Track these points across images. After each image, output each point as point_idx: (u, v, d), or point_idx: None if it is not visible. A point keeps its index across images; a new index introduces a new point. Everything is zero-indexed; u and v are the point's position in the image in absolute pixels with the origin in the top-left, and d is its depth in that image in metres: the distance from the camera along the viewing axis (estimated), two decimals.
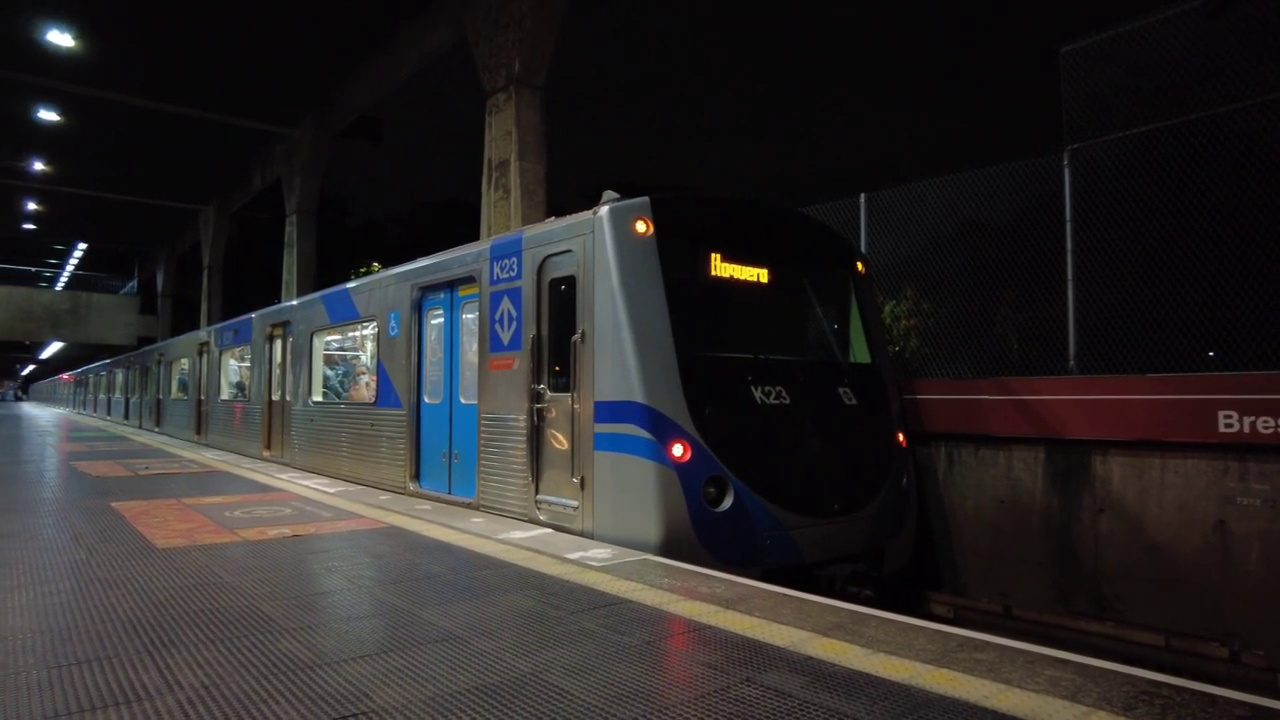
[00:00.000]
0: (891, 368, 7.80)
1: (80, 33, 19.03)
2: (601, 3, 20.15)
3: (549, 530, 6.05)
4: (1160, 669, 3.98)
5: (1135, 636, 6.35)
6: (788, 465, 6.24)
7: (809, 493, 6.20)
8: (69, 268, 52.62)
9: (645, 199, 6.27)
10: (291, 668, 3.04)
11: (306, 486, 8.81)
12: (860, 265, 7.79)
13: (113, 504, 7.35)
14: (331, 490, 8.47)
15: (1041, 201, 7.65)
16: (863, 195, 9.12)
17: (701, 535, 5.63)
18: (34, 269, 51.74)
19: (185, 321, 39.07)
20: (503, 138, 15.52)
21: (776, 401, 6.30)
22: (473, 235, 9.66)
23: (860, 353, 7.52)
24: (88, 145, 27.03)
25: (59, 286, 51.64)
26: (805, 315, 7.60)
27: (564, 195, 16.14)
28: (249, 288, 35.69)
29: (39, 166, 29.07)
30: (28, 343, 52.81)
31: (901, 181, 8.91)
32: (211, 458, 12.52)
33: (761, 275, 6.87)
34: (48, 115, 23.75)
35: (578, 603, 4.02)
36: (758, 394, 6.23)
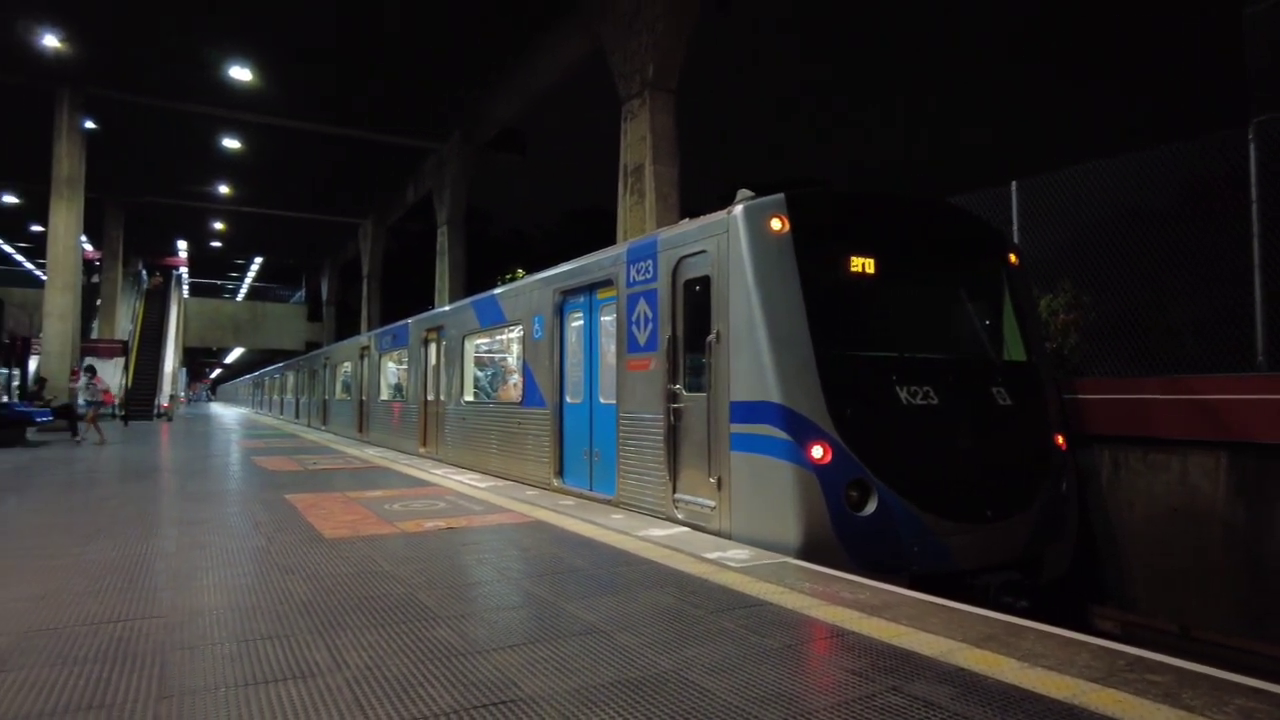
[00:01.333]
0: (1050, 365, 7.34)
1: (257, 67, 20.86)
2: (726, 6, 20.03)
3: (687, 529, 6.07)
4: None
5: None
6: (936, 468, 5.92)
7: (960, 497, 5.87)
8: (247, 280, 57.75)
9: (781, 196, 6.16)
10: (446, 654, 3.21)
11: (459, 482, 9.27)
12: (1013, 257, 7.34)
13: (286, 496, 8.00)
14: (482, 485, 8.87)
15: (1209, 185, 6.94)
16: (1014, 183, 8.59)
17: (843, 539, 5.44)
18: (219, 282, 57.14)
19: (348, 327, 42.03)
20: (637, 143, 15.74)
21: (923, 402, 6.03)
22: (611, 241, 9.87)
23: (1015, 350, 7.09)
24: (263, 168, 29.59)
25: (239, 298, 56.74)
26: (953, 311, 7.18)
27: (699, 199, 16.17)
28: (404, 294, 37.96)
29: (223, 190, 32.06)
30: (214, 348, 58.42)
31: (1055, 167, 8.33)
32: (373, 454, 13.41)
33: (905, 270, 6.67)
34: (230, 143, 26.14)
35: (717, 602, 4.02)
36: (903, 394, 5.97)
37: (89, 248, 36.09)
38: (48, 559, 4.95)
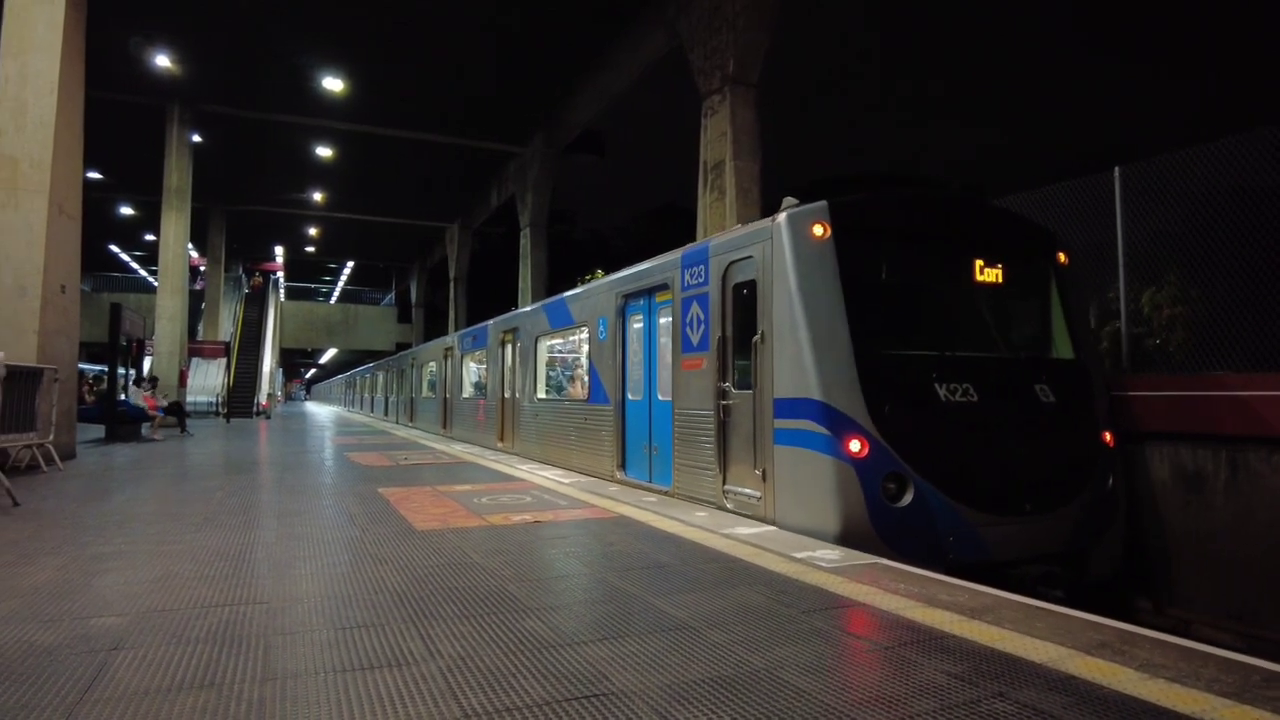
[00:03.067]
0: (1099, 363, 7.46)
1: (349, 78, 21.63)
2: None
3: (774, 529, 5.96)
4: None
5: None
6: (974, 462, 6.08)
7: (997, 490, 6.04)
8: (340, 284, 60.01)
9: (824, 203, 6.40)
10: (536, 646, 3.21)
11: (543, 477, 9.37)
12: (1062, 256, 7.44)
13: (379, 490, 8.24)
14: (566, 481, 8.94)
15: None
16: (1117, 169, 8.12)
17: (880, 529, 5.67)
18: (313, 286, 59.55)
19: (436, 328, 43.19)
20: (718, 139, 15.62)
21: (964, 399, 6.22)
22: (689, 239, 9.85)
23: (1063, 348, 7.20)
24: (353, 175, 30.67)
25: (332, 300, 59.00)
26: (998, 310, 7.22)
27: (783, 192, 15.94)
28: (490, 296, 38.78)
29: (316, 197, 33.38)
30: (309, 349, 60.93)
31: (1155, 152, 7.80)
32: (460, 450, 13.71)
33: (949, 271, 6.87)
34: (323, 151, 27.17)
35: (809, 601, 3.91)
36: (942, 391, 6.18)
37: (194, 254, 38.18)
38: (163, 545, 5.21)
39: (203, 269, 37.14)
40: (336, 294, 60.77)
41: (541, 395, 12.97)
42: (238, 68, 21.23)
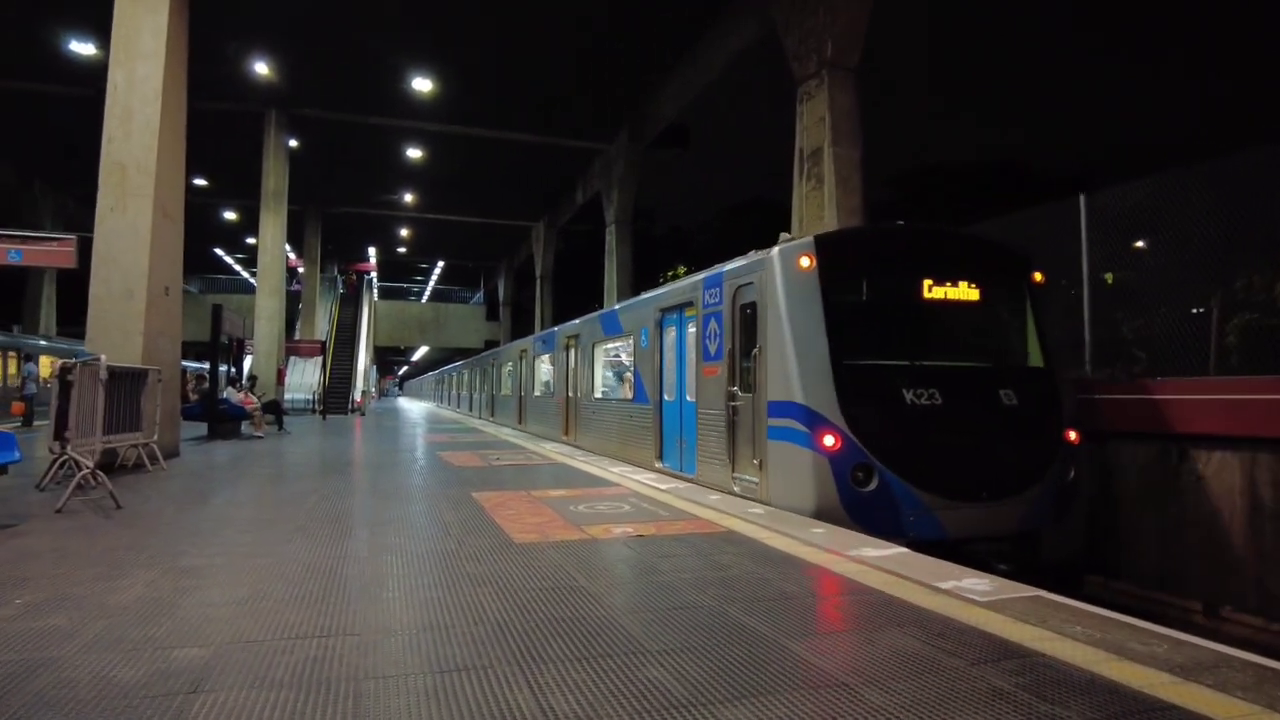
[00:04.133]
0: (1066, 373, 8.32)
1: (438, 78, 21.73)
2: None
3: (904, 550, 5.34)
4: None
5: None
6: (935, 456, 6.96)
7: (954, 479, 6.91)
8: (431, 283, 61.30)
9: (811, 239, 7.65)
10: (666, 703, 2.72)
11: (637, 481, 8.93)
12: (1037, 276, 8.28)
13: (473, 494, 7.95)
14: (663, 487, 8.47)
15: None
16: None
17: (849, 509, 6.68)
18: (405, 285, 61.02)
19: (522, 326, 43.52)
20: (815, 125, 14.88)
21: (928, 402, 7.12)
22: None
23: (1034, 358, 8.08)
24: (442, 175, 31.02)
25: (424, 300, 60.32)
26: (967, 325, 8.14)
27: (874, 184, 15.09)
28: (575, 294, 38.81)
29: (408, 198, 33.95)
30: (402, 347, 62.52)
31: None
32: (550, 449, 13.41)
33: (919, 292, 7.68)
34: (413, 153, 27.51)
35: (974, 650, 3.30)
36: (909, 396, 7.10)
37: (292, 256, 39.48)
38: (254, 557, 4.98)
39: (300, 270, 38.32)
40: (428, 293, 62.11)
41: (598, 395, 14.44)
42: (331, 72, 21.61)
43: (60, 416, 7.66)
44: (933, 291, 7.77)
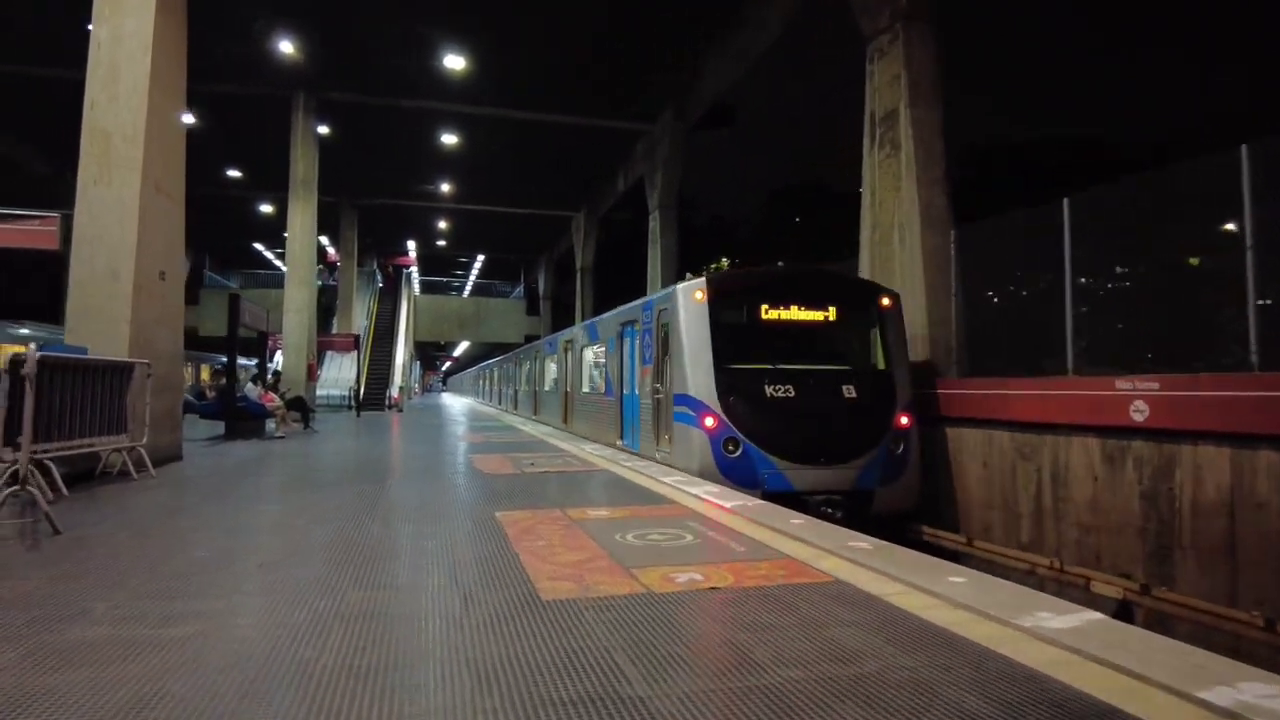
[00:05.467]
0: (906, 373, 10.49)
1: (470, 53, 20.38)
2: None
3: (1099, 616, 3.71)
4: None
5: None
6: (786, 432, 9.55)
7: (800, 448, 9.50)
8: (471, 278, 60.43)
9: (703, 279, 10.44)
10: None
11: (695, 496, 7.39)
12: (885, 300, 10.68)
13: (497, 514, 6.50)
14: (728, 505, 6.88)
15: None
16: None
17: (723, 469, 9.35)
18: (445, 279, 60.26)
19: (563, 320, 42.20)
20: (888, 85, 13.13)
21: (783, 395, 9.76)
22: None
23: (877, 362, 10.54)
24: (480, 164, 29.77)
25: (465, 294, 59.47)
26: (822, 339, 10.72)
27: (956, 153, 13.29)
28: (615, 286, 37.32)
29: (444, 188, 32.78)
30: (442, 342, 61.76)
31: None
32: (590, 452, 11.89)
33: (782, 315, 10.33)
34: (449, 139, 26.25)
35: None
36: (769, 390, 9.76)
37: (331, 250, 38.66)
38: (168, 625, 3.55)
39: (337, 264, 37.47)
40: (469, 288, 61.21)
41: (585, 389, 17.32)
42: (358, 51, 20.46)
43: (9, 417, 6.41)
44: (794, 315, 10.45)
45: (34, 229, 9.79)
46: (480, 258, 55.67)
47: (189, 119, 23.85)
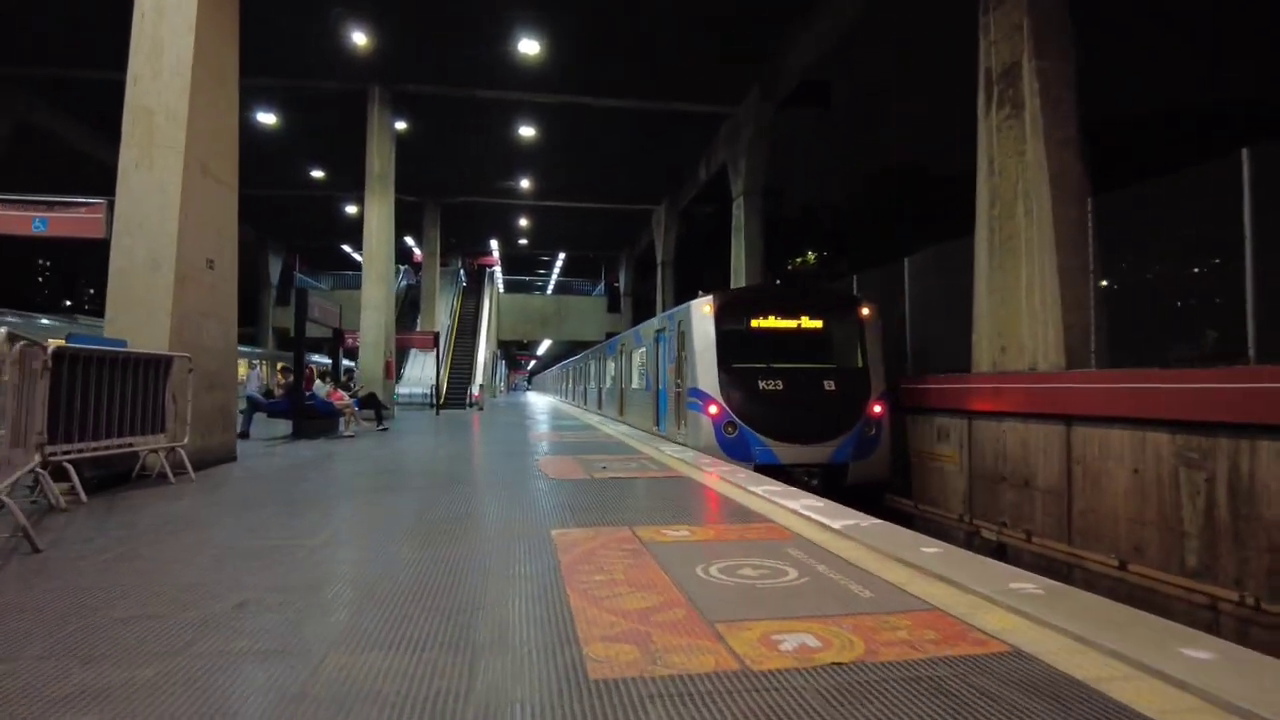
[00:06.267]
0: (881, 370, 12.60)
1: (546, 37, 19.48)
2: None
3: None
4: None
5: None
6: (775, 417, 11.84)
7: (786, 430, 11.75)
8: (554, 276, 60.17)
9: (712, 296, 13.01)
10: None
11: (795, 512, 6.10)
12: (865, 310, 12.93)
13: (553, 532, 5.39)
14: (836, 524, 5.55)
15: None
16: None
17: (723, 446, 11.67)
18: (528, 278, 60.18)
19: (643, 317, 41.16)
20: (1008, 35, 11.44)
21: (774, 388, 12.12)
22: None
23: (856, 362, 12.69)
24: (558, 157, 28.95)
25: (548, 292, 59.26)
26: (809, 343, 12.98)
27: (1090, 115, 11.48)
28: (696, 281, 36.04)
29: (524, 184, 32.16)
30: (525, 341, 61.72)
31: None
32: (670, 455, 10.71)
33: (776, 324, 12.88)
34: (526, 131, 25.50)
35: None
36: (762, 384, 12.14)
37: (416, 250, 38.71)
38: (127, 701, 2.56)
39: (421, 264, 37.47)
40: (551, 286, 61.00)
41: (635, 385, 19.64)
42: (431, 40, 19.79)
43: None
44: (785, 323, 12.79)
45: (81, 216, 9.26)
46: (561, 256, 55.26)
47: (269, 117, 23.99)
